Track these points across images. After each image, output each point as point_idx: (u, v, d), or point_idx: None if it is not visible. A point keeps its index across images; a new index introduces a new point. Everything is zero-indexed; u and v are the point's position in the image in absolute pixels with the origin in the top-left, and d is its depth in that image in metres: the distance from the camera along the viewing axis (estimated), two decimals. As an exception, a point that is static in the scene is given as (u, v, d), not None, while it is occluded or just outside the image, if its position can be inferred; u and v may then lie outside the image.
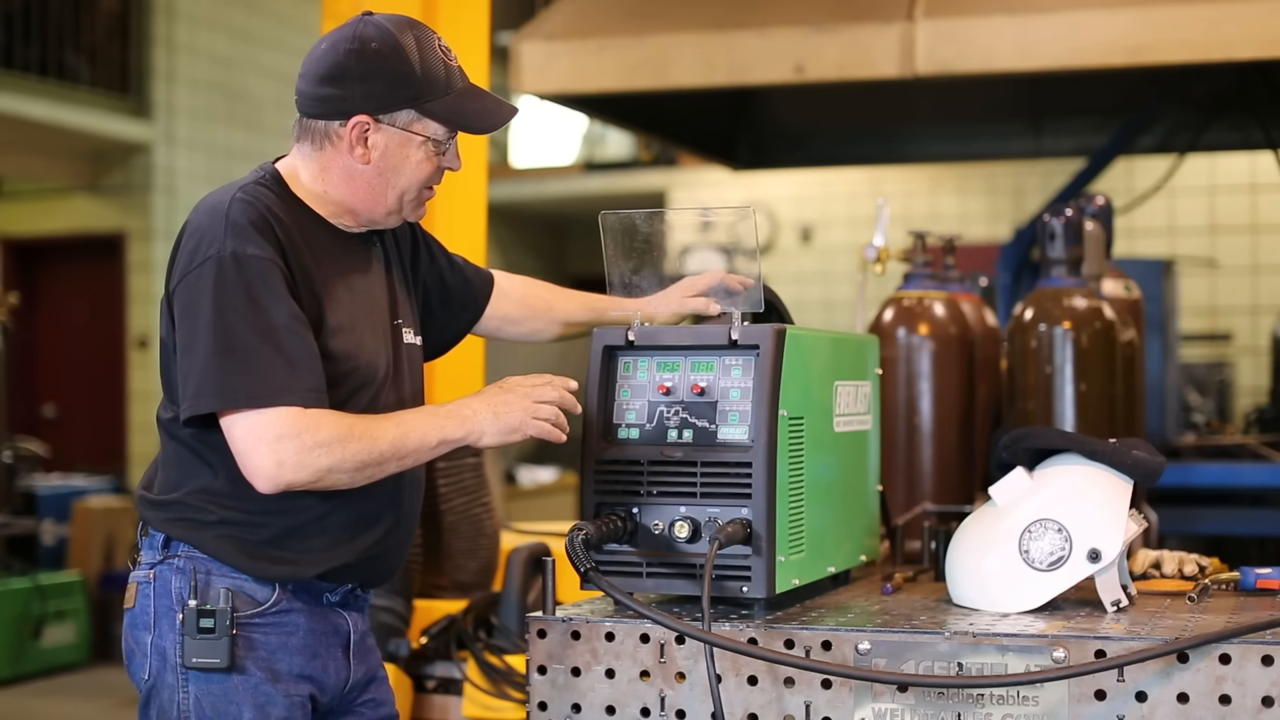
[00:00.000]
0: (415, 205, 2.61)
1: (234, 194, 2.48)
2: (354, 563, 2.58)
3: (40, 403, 12.20)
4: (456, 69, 2.57)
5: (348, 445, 2.37)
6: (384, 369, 2.58)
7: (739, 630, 2.40)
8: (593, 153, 14.57)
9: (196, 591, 2.48)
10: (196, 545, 2.50)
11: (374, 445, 2.39)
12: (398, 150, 2.53)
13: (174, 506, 2.52)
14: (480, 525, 4.31)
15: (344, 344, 2.50)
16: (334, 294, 2.52)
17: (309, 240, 2.51)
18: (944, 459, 3.57)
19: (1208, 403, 8.37)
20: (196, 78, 11.99)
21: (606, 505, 2.51)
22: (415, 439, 2.43)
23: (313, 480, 2.38)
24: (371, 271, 2.65)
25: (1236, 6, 4.70)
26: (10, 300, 8.94)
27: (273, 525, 2.50)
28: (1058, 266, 3.57)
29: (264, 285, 2.39)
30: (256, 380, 2.35)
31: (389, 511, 2.60)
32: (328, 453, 2.36)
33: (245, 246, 2.40)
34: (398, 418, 2.45)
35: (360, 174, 2.54)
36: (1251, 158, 9.85)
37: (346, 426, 2.38)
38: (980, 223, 11.79)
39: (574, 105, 6.12)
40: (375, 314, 2.61)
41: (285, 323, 2.38)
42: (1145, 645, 2.24)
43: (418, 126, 2.53)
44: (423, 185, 2.58)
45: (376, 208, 2.58)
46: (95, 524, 9.45)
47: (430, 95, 2.52)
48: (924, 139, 7.44)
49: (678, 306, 2.89)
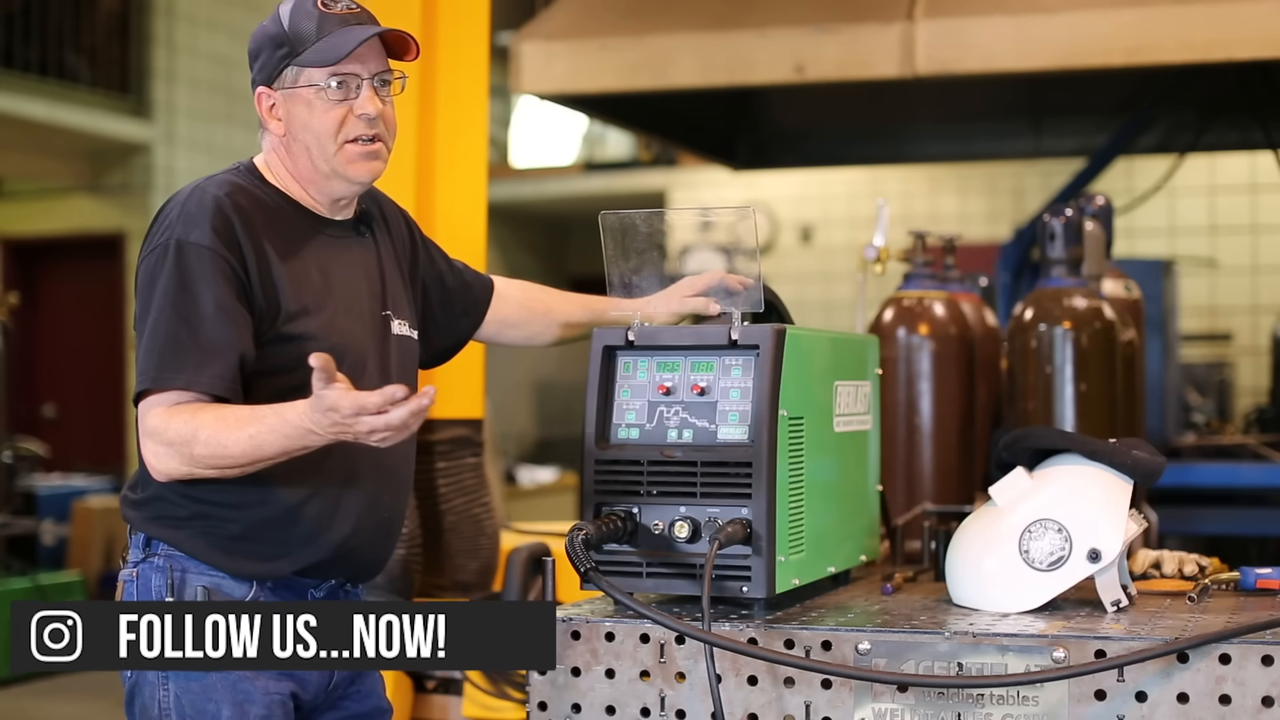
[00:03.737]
0: (349, 160, 2.57)
1: (199, 183, 2.54)
2: (331, 558, 2.58)
3: (40, 403, 12.20)
4: (336, 15, 2.56)
5: (193, 448, 2.36)
6: (361, 355, 2.58)
7: (739, 630, 2.40)
8: (593, 153, 14.56)
9: (173, 589, 2.50)
10: (174, 544, 2.53)
11: (224, 451, 2.35)
12: (297, 109, 2.57)
13: (151, 505, 2.54)
14: (480, 525, 4.30)
15: (307, 326, 2.51)
16: (301, 278, 2.53)
17: (278, 226, 2.55)
18: (944, 459, 3.57)
19: (1208, 403, 8.36)
20: (196, 78, 11.99)
21: (606, 505, 2.51)
22: (270, 449, 2.35)
23: (184, 475, 2.40)
24: (355, 259, 2.66)
25: (1236, 6, 4.70)
26: (10, 300, 8.93)
27: (242, 518, 2.51)
28: (1058, 266, 3.57)
29: (199, 273, 2.43)
30: (162, 366, 2.40)
31: (366, 503, 2.60)
32: (176, 453, 2.38)
33: (190, 234, 2.45)
34: (253, 425, 2.35)
35: (286, 146, 2.60)
36: (1251, 158, 9.85)
37: (192, 430, 2.36)
38: (980, 223, 11.78)
39: (574, 105, 6.12)
40: (355, 300, 2.62)
41: (210, 311, 2.42)
42: (1145, 645, 2.24)
43: (302, 79, 2.56)
44: (338, 134, 2.56)
45: (315, 175, 2.60)
46: (95, 524, 9.46)
47: (302, 46, 2.55)
48: (924, 139, 7.44)
49: (678, 306, 2.89)
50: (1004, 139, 7.28)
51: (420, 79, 4.03)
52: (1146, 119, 6.43)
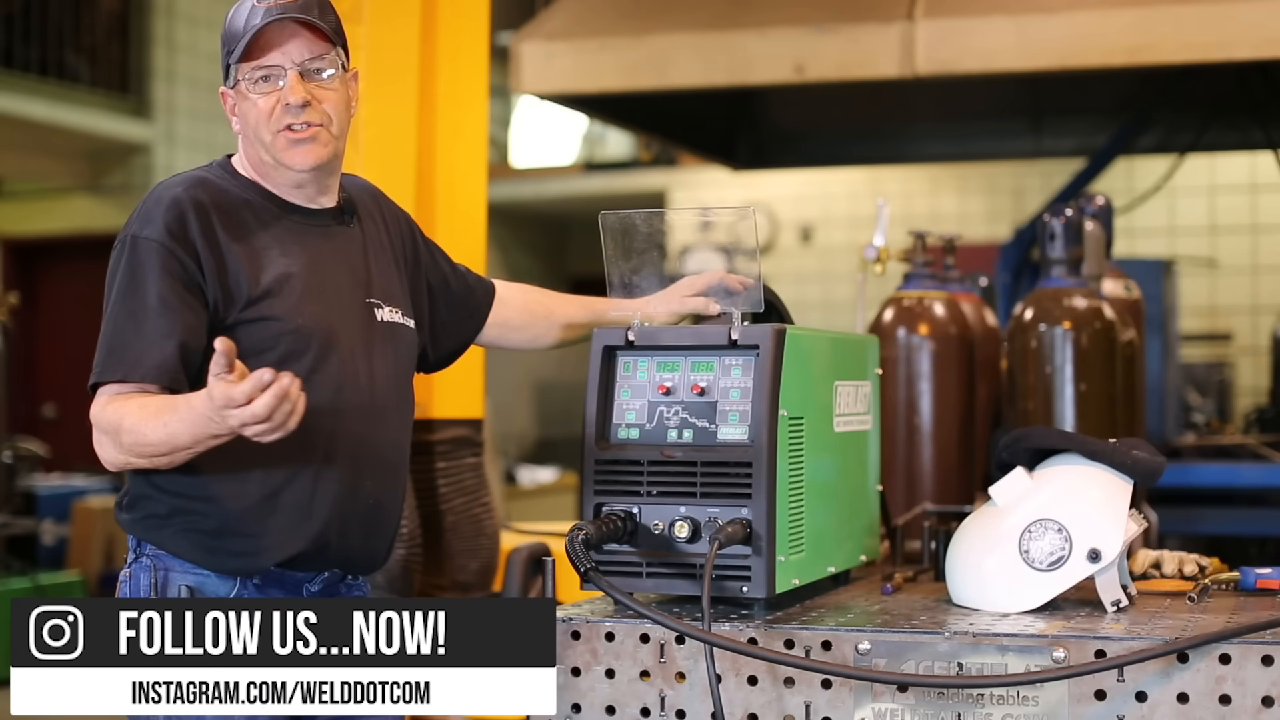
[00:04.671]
0: (283, 148, 2.60)
1: (166, 181, 2.61)
2: (313, 549, 2.58)
3: (40, 403, 12.20)
4: (261, 8, 2.57)
5: (120, 436, 2.42)
6: (329, 338, 2.59)
7: (739, 630, 2.40)
8: (593, 153, 14.56)
9: (157, 589, 2.54)
10: (158, 544, 2.57)
11: (145, 439, 2.39)
12: (243, 105, 2.62)
13: (136, 506, 2.58)
14: (480, 525, 4.30)
15: (272, 309, 2.54)
16: (264, 263, 2.56)
17: (242, 216, 2.59)
18: (944, 459, 3.57)
19: (1208, 403, 8.36)
20: (196, 78, 11.99)
21: (606, 505, 2.51)
22: (184, 438, 2.37)
23: (124, 463, 2.45)
24: (334, 246, 2.68)
25: (1236, 6, 4.70)
26: (10, 300, 8.93)
27: (217, 512, 2.53)
28: (1058, 266, 3.57)
29: (147, 266, 2.50)
30: (107, 360, 2.48)
31: (345, 490, 2.60)
32: (111, 442, 2.44)
33: (144, 229, 2.52)
34: (168, 414, 2.37)
35: (243, 141, 2.66)
36: (1251, 158, 9.85)
37: (119, 419, 2.41)
38: (980, 223, 11.78)
39: (574, 105, 6.12)
40: (328, 285, 2.63)
41: (154, 303, 2.48)
42: (1145, 645, 2.24)
43: (240, 75, 2.60)
44: (269, 124, 2.59)
45: (264, 166, 2.65)
46: (95, 524, 9.45)
47: (235, 43, 2.59)
48: (924, 139, 7.44)
49: (677, 306, 2.89)
50: (1004, 139, 7.28)
51: (420, 79, 4.03)
52: (1146, 119, 6.43)
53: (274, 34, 2.57)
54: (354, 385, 2.61)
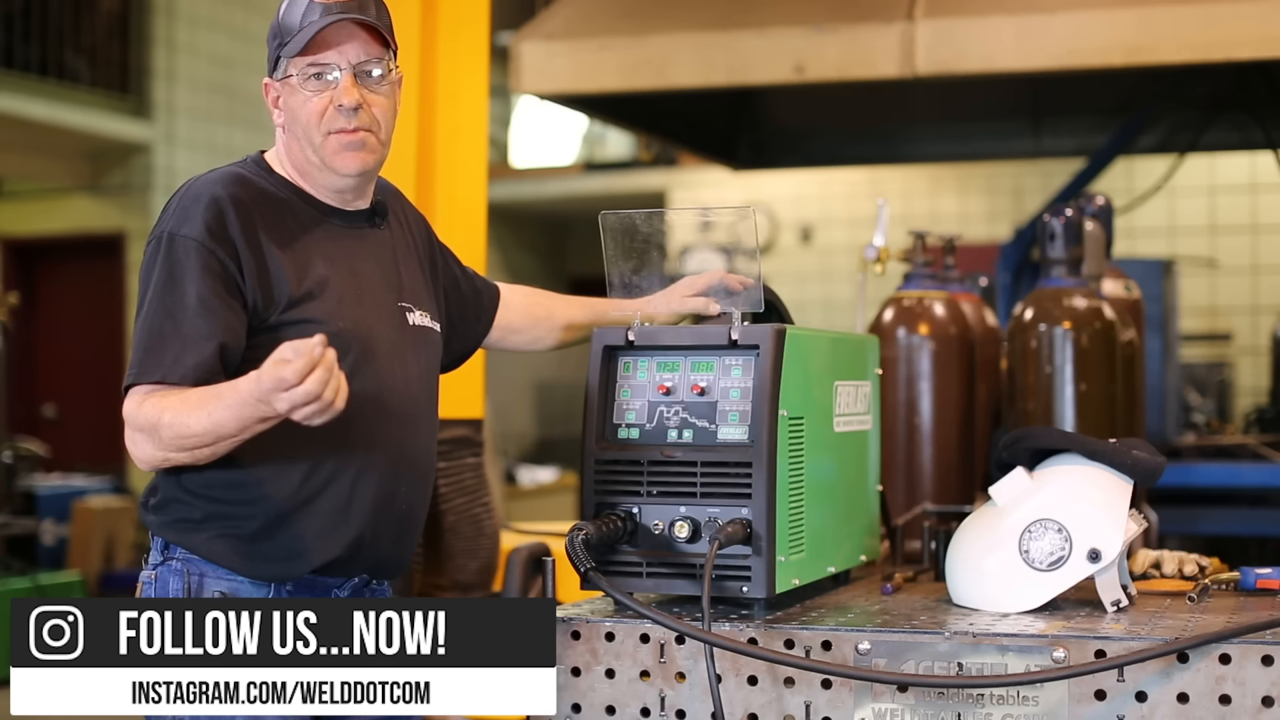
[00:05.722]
0: (333, 151, 2.57)
1: (201, 177, 2.56)
2: (349, 554, 2.57)
3: (40, 403, 12.20)
4: (321, 4, 2.54)
5: (160, 431, 2.37)
6: (369, 341, 2.57)
7: (739, 630, 2.40)
8: (593, 153, 14.56)
9: (190, 593, 2.50)
10: (191, 548, 2.52)
11: (187, 430, 2.35)
12: (290, 100, 2.58)
13: (167, 509, 2.54)
14: (480, 525, 4.30)
15: (312, 311, 2.51)
16: (304, 265, 2.53)
17: (281, 215, 2.55)
18: (944, 459, 3.57)
19: (1208, 403, 8.36)
20: (196, 78, 11.99)
21: (606, 505, 2.51)
22: (229, 424, 2.33)
23: (160, 461, 2.42)
24: (367, 249, 2.66)
25: (1236, 6, 4.70)
26: (10, 300, 8.93)
27: (259, 514, 2.50)
28: (1058, 266, 3.57)
29: (185, 265, 2.45)
30: (144, 360, 2.43)
31: (383, 495, 2.59)
32: (147, 439, 2.40)
33: (181, 227, 2.47)
34: (212, 402, 2.34)
35: (286, 137, 2.62)
36: (1251, 158, 9.85)
37: (158, 413, 2.37)
38: (980, 223, 11.78)
39: (574, 105, 6.11)
40: (365, 288, 2.61)
41: (193, 303, 2.43)
42: (1145, 645, 2.24)
43: (292, 70, 2.56)
44: (320, 125, 2.56)
45: (308, 166, 2.61)
46: (95, 524, 9.45)
47: (289, 37, 2.55)
48: (924, 139, 7.44)
49: (678, 306, 2.89)
50: (1004, 139, 7.27)
51: (420, 79, 4.03)
52: (1146, 119, 6.42)
53: (332, 33, 2.54)
54: (391, 390, 2.59)
